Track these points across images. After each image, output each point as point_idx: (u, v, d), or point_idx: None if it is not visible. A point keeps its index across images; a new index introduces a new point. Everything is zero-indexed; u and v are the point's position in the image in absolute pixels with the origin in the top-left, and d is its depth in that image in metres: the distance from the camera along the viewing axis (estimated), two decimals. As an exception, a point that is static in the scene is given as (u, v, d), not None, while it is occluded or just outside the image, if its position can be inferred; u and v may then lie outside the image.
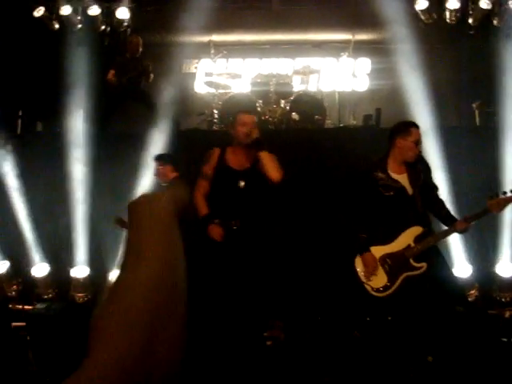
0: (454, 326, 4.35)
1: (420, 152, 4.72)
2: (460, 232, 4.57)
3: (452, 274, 4.72)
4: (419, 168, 4.70)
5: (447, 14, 9.18)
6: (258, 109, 8.22)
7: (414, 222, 4.55)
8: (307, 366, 4.83)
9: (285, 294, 5.98)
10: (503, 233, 6.32)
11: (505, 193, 4.39)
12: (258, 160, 4.76)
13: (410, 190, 4.61)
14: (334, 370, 4.68)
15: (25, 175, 7.05)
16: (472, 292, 6.30)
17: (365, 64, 9.74)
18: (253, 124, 4.89)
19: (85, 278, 6.73)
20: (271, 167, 4.71)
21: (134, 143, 6.89)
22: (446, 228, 4.66)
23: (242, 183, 4.78)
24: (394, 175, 4.67)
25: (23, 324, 5.05)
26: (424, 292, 4.47)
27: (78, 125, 7.37)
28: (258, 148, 4.74)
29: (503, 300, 6.28)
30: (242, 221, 4.73)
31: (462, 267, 6.28)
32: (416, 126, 4.68)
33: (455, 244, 6.24)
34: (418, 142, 4.66)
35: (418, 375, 4.32)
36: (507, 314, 5.96)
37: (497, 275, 6.35)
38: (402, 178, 4.66)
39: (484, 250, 6.40)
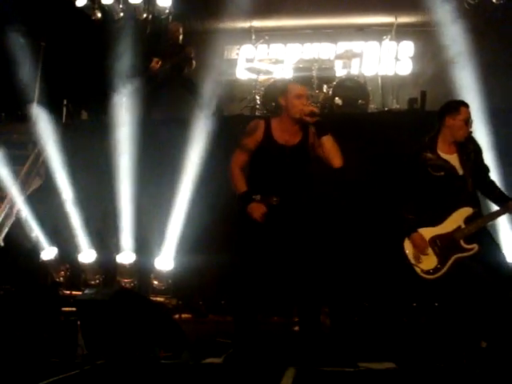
0: (508, 312, 4.27)
1: (470, 132, 4.63)
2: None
3: (505, 258, 4.62)
4: (470, 148, 4.61)
5: (492, -7, 8.98)
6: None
7: (464, 202, 4.46)
8: (353, 352, 4.79)
9: (330, 278, 5.97)
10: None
11: None
12: (306, 137, 4.47)
13: (460, 171, 4.53)
14: (381, 355, 4.63)
15: (71, 163, 7.15)
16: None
17: (408, 47, 9.56)
18: (307, 96, 4.52)
19: (131, 264, 6.79)
20: (334, 153, 4.34)
21: (178, 129, 6.92)
22: (497, 209, 4.58)
23: (287, 159, 4.42)
24: (444, 155, 4.58)
25: (73, 309, 5.10)
26: (476, 276, 4.40)
27: (121, 112, 7.42)
28: (322, 131, 4.34)
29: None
30: (282, 198, 4.39)
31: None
32: (466, 105, 4.58)
33: (505, 229, 6.11)
34: (467, 121, 4.56)
35: (472, 361, 4.25)
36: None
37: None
38: (453, 158, 4.57)
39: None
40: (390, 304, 5.81)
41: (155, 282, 6.75)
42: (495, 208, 4.66)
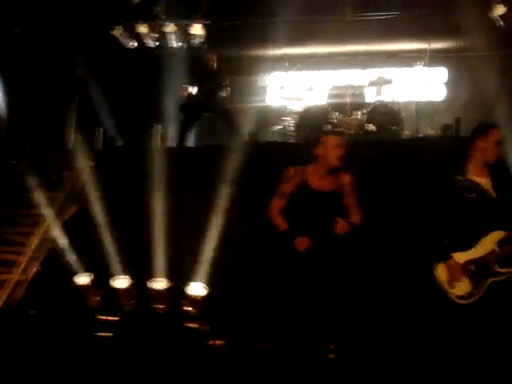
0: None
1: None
2: None
3: None
4: (503, 174, 4.59)
5: (525, 19, 8.95)
6: (335, 120, 8.21)
7: (497, 226, 4.42)
8: (386, 378, 4.75)
9: (364, 304, 5.93)
10: None
11: None
12: (340, 186, 4.77)
13: (493, 193, 4.49)
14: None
15: (106, 189, 7.24)
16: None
17: (441, 73, 9.56)
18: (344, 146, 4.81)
19: (164, 290, 6.81)
20: (355, 216, 4.78)
21: (213, 156, 6.98)
22: None
23: (320, 206, 4.72)
24: (476, 178, 4.55)
25: (110, 334, 5.15)
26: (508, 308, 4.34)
27: (157, 139, 7.52)
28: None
29: None
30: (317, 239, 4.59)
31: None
32: (496, 127, 4.60)
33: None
34: (498, 143, 4.55)
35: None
36: None
37: None
38: (484, 182, 4.54)
39: None
40: (424, 332, 5.74)
41: (189, 308, 6.75)
42: None
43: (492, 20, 9.12)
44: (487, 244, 4.42)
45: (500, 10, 8.97)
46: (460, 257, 4.48)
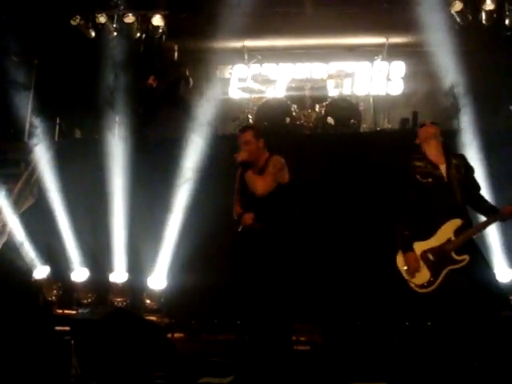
0: (500, 330, 4.30)
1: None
2: (505, 217, 4.54)
3: (494, 276, 4.68)
4: (459, 163, 4.73)
5: (483, 15, 9.08)
6: (293, 113, 8.23)
7: (453, 214, 4.55)
8: (345, 371, 4.80)
9: (322, 297, 6.00)
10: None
11: None
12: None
13: (446, 179, 4.64)
14: (374, 375, 4.64)
15: (64, 181, 7.15)
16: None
17: (399, 67, 9.63)
18: (245, 142, 4.97)
19: (123, 283, 6.78)
20: (255, 185, 4.81)
21: (172, 148, 6.95)
22: (485, 218, 4.66)
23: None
24: (433, 162, 4.72)
25: (66, 328, 5.09)
26: (466, 294, 4.45)
27: (115, 131, 7.45)
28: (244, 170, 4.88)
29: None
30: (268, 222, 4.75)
31: (502, 272, 6.20)
32: (425, 124, 4.94)
33: (495, 248, 6.16)
34: (428, 138, 4.80)
35: (464, 380, 4.27)
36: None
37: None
38: (441, 167, 4.70)
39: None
40: (382, 323, 5.83)
41: (148, 301, 6.74)
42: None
43: (450, 16, 9.23)
44: (445, 233, 4.54)
45: (457, 6, 9.08)
46: (419, 246, 4.60)
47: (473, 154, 6.25)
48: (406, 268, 4.61)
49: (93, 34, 9.56)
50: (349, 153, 6.94)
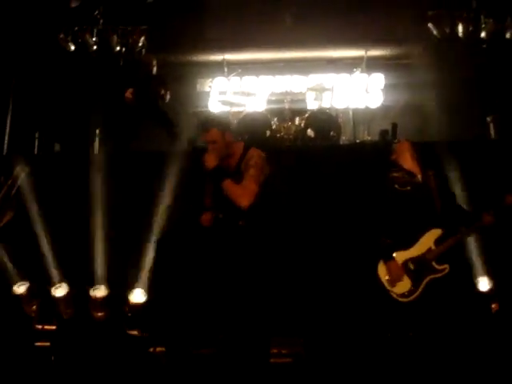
0: (481, 339, 4.34)
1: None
2: (485, 226, 4.59)
3: (475, 285, 4.74)
4: (435, 173, 4.82)
5: (460, 28, 9.20)
6: (274, 126, 8.27)
7: (433, 222, 4.61)
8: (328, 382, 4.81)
9: (303, 308, 5.99)
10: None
11: None
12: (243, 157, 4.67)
13: (425, 187, 4.71)
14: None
15: (43, 195, 7.10)
16: (494, 306, 6.25)
17: (378, 80, 9.72)
18: (211, 141, 4.70)
19: (104, 297, 6.73)
20: (235, 197, 4.47)
21: (152, 162, 6.93)
22: (465, 228, 4.72)
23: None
24: (410, 171, 4.83)
25: (47, 344, 5.05)
26: (447, 303, 4.48)
27: (95, 144, 7.42)
28: (218, 179, 4.56)
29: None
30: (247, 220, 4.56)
31: (483, 280, 6.23)
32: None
33: (476, 257, 6.20)
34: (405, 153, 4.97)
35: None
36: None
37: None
38: (418, 176, 4.83)
39: (505, 263, 6.36)
40: (364, 334, 5.83)
41: (129, 315, 6.69)
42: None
43: (427, 29, 9.34)
44: (425, 242, 4.61)
45: (434, 19, 9.19)
46: (400, 256, 4.64)
47: (449, 165, 6.31)
48: (387, 278, 4.64)
49: (72, 47, 9.54)
50: (329, 164, 6.97)
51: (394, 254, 4.65)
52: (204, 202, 4.87)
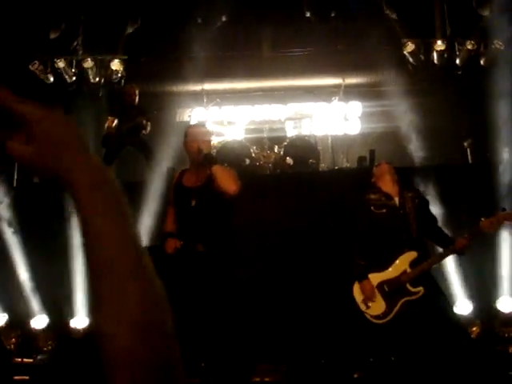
0: (459, 362, 4.35)
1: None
2: (460, 251, 4.62)
3: (451, 308, 4.77)
4: (413, 195, 4.89)
5: (434, 55, 9.36)
6: (253, 155, 8.30)
7: (408, 245, 4.65)
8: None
9: (284, 335, 5.97)
10: (502, 268, 6.36)
11: (498, 212, 4.57)
12: (211, 177, 4.37)
13: (401, 210, 4.76)
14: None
15: (22, 227, 7.07)
16: (474, 329, 6.28)
17: (356, 107, 9.83)
18: (203, 136, 4.61)
19: (85, 329, 6.68)
20: (225, 180, 4.30)
21: (132, 191, 6.93)
22: (441, 251, 4.77)
23: (193, 202, 4.43)
24: (386, 193, 4.90)
25: (26, 378, 4.98)
26: (423, 326, 4.50)
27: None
28: (210, 163, 4.34)
29: (506, 335, 6.26)
30: (205, 244, 4.35)
31: (462, 304, 6.28)
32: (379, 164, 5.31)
33: (454, 281, 6.26)
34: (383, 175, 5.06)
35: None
36: (511, 350, 5.94)
37: (498, 311, 6.35)
38: (395, 198, 4.88)
39: (483, 286, 6.41)
40: (346, 360, 5.83)
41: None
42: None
43: (403, 56, 9.50)
44: (400, 265, 4.64)
45: (410, 47, 9.36)
46: (375, 277, 4.67)
47: (428, 190, 6.40)
48: (362, 298, 4.67)
49: (51, 79, 9.57)
50: (308, 191, 7.01)
51: (369, 276, 4.68)
52: (165, 227, 4.71)
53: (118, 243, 0.90)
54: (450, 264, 6.19)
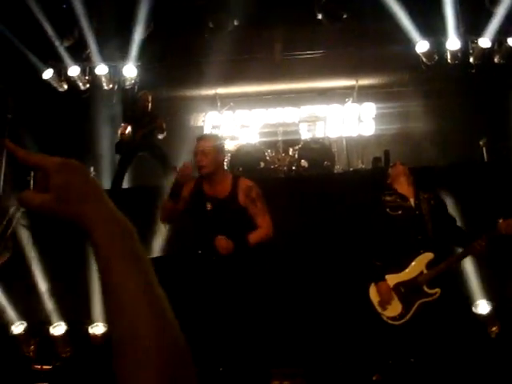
0: (479, 362, 4.32)
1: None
2: (477, 252, 4.57)
3: (468, 308, 4.73)
4: (429, 196, 4.85)
5: (448, 54, 9.30)
6: (267, 158, 8.30)
7: (424, 246, 4.61)
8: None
9: (302, 338, 5.95)
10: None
11: None
12: (235, 189, 4.46)
13: (417, 211, 4.73)
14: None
15: (39, 234, 7.10)
16: (493, 329, 6.22)
17: (370, 108, 9.81)
18: (202, 150, 4.49)
19: (103, 335, 6.69)
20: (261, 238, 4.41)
21: (147, 198, 6.94)
22: (458, 252, 4.72)
23: (215, 211, 4.44)
24: (403, 194, 4.88)
25: (45, 384, 5.01)
26: (442, 327, 4.47)
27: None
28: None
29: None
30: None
31: (481, 304, 6.22)
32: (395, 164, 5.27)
33: (472, 280, 6.20)
34: (398, 175, 5.04)
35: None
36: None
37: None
38: (410, 199, 4.86)
39: (503, 286, 6.35)
40: (365, 362, 5.79)
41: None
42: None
43: (416, 56, 9.44)
44: (417, 266, 4.60)
45: (423, 46, 9.30)
46: (392, 279, 4.64)
47: (445, 189, 6.35)
48: (378, 299, 4.64)
49: (65, 86, 9.62)
50: (323, 194, 6.99)
51: (386, 277, 4.65)
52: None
53: (136, 293, 0.91)
54: (468, 263, 6.14)
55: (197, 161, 4.47)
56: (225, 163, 8.58)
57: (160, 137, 8.34)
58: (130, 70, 9.65)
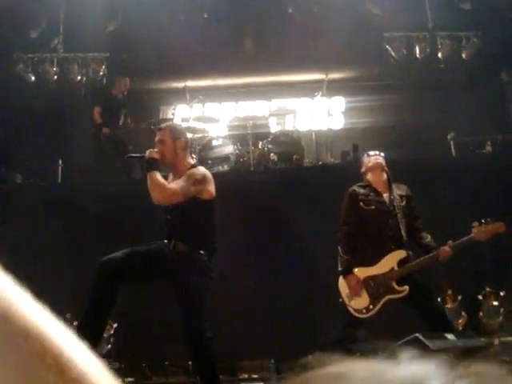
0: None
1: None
2: (442, 260, 4.62)
3: (439, 307, 4.77)
4: (402, 193, 4.86)
5: (417, 49, 9.37)
6: (237, 151, 8.28)
7: (397, 243, 4.63)
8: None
9: (270, 329, 5.97)
10: (486, 259, 6.39)
11: (488, 221, 4.50)
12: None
13: (390, 207, 4.73)
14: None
15: (4, 228, 7.01)
16: (460, 321, 6.32)
17: (339, 102, 9.85)
18: (160, 140, 4.47)
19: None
20: (151, 191, 4.23)
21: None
22: (429, 255, 4.72)
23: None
24: (377, 189, 4.87)
25: None
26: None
27: (57, 176, 7.36)
28: (147, 169, 4.31)
29: (490, 327, 6.30)
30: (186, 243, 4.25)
31: (447, 296, 6.31)
32: (369, 155, 5.11)
33: (440, 273, 6.27)
34: (374, 167, 4.95)
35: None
36: (496, 341, 5.98)
37: (483, 302, 6.39)
38: (384, 195, 4.86)
39: (468, 278, 6.45)
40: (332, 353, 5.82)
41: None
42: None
43: (385, 51, 9.50)
44: (388, 262, 4.63)
45: (392, 41, 9.36)
46: (362, 272, 4.66)
47: (413, 184, 6.40)
48: (347, 291, 4.67)
49: (33, 78, 9.47)
50: (292, 187, 7.02)
51: (356, 270, 4.68)
52: None
53: None
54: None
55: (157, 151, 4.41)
56: (194, 156, 8.60)
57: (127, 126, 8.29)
58: (98, 62, 9.54)
